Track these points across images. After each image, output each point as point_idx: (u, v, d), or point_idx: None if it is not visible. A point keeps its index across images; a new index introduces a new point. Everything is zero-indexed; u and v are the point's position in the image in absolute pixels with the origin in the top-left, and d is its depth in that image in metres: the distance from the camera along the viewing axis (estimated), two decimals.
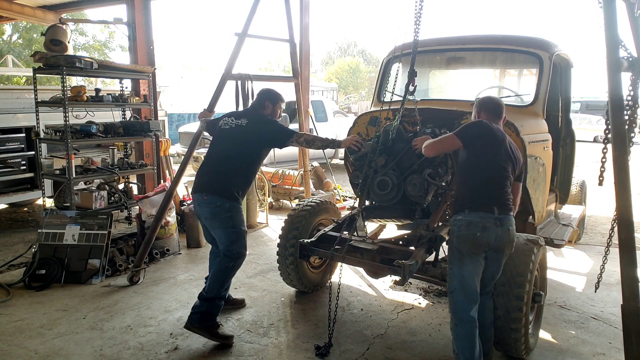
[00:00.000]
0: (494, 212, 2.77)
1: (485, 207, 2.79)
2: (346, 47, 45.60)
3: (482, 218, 2.77)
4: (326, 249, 3.60)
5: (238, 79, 5.28)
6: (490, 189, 2.85)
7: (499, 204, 2.81)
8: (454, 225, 2.85)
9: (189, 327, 3.45)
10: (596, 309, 4.14)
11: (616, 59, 2.52)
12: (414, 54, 3.35)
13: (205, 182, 3.59)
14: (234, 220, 3.51)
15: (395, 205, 3.47)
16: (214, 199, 3.50)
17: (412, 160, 3.45)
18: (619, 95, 2.52)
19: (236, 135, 3.63)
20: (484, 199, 2.82)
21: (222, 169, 3.58)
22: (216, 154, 3.70)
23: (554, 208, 4.94)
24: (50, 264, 4.57)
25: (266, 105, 3.77)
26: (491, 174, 2.88)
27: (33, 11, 8.80)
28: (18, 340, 3.49)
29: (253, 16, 5.17)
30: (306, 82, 7.05)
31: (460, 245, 2.80)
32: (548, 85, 4.07)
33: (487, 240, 2.76)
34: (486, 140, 2.92)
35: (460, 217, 2.83)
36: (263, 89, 3.89)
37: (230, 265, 3.52)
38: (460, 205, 2.88)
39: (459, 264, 2.82)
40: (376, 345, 3.50)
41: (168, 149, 7.13)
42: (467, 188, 2.93)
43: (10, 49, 20.95)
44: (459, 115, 3.88)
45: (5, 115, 6.42)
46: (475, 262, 2.82)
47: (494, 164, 2.89)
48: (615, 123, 2.49)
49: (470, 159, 2.96)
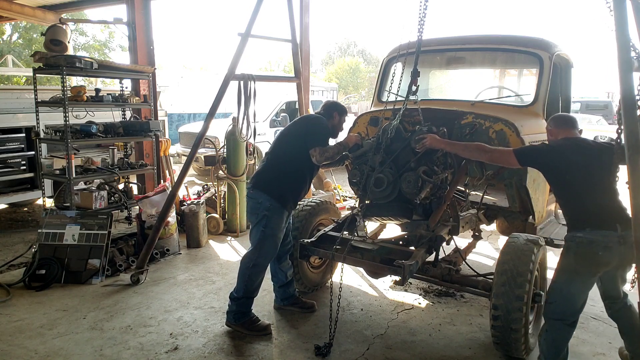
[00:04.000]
0: (616, 229, 2.65)
1: (608, 225, 2.67)
2: (346, 47, 45.58)
3: (605, 237, 2.64)
4: (326, 249, 3.60)
5: (241, 79, 5.28)
6: (608, 204, 2.75)
7: (620, 219, 2.68)
8: (572, 242, 2.74)
9: (227, 325, 3.67)
10: (596, 309, 4.14)
11: (628, 59, 2.54)
12: (417, 54, 3.35)
13: (253, 177, 3.68)
14: (268, 220, 3.51)
15: (392, 203, 3.48)
16: (257, 195, 3.55)
17: (408, 158, 3.46)
18: (631, 94, 2.52)
19: (283, 132, 3.74)
20: (605, 215, 2.71)
21: (266, 166, 3.65)
22: (268, 151, 3.77)
23: (554, 208, 4.94)
24: (50, 264, 4.57)
25: (334, 115, 3.81)
26: (595, 187, 2.78)
27: (33, 11, 8.79)
28: (18, 340, 3.49)
29: (256, 16, 5.17)
30: (306, 82, 7.04)
31: (580, 265, 2.71)
32: (548, 85, 4.07)
33: (609, 260, 2.67)
34: (569, 158, 2.83)
35: (580, 234, 2.71)
36: (330, 101, 4.05)
37: (251, 265, 3.54)
38: (580, 222, 2.76)
39: (568, 281, 2.74)
40: (376, 345, 3.50)
41: (168, 149, 7.13)
42: (582, 204, 2.80)
43: (10, 49, 20.94)
44: (459, 115, 3.88)
45: (5, 115, 6.41)
46: (587, 282, 2.75)
47: (593, 175, 2.79)
48: (628, 122, 2.48)
49: (568, 179, 2.84)
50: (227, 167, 6.25)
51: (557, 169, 2.86)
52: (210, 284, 4.60)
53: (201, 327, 3.72)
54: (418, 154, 3.39)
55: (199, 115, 17.01)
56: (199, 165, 10.84)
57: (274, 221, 3.52)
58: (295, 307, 4.00)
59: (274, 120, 11.60)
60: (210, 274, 4.87)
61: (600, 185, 2.79)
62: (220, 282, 4.64)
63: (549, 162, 2.90)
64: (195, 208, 5.75)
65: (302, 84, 6.76)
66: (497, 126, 3.68)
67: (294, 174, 3.61)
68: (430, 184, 3.33)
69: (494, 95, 5.34)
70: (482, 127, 3.74)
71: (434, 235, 3.61)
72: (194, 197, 6.81)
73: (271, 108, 11.78)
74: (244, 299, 3.58)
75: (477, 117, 3.79)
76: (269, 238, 3.53)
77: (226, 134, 6.24)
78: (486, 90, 4.79)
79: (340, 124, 3.86)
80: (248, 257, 3.57)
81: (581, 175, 2.79)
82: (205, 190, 7.11)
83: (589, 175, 2.79)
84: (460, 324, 3.86)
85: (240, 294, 3.56)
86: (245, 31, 5.15)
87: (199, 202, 5.96)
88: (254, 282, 3.58)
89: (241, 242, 5.99)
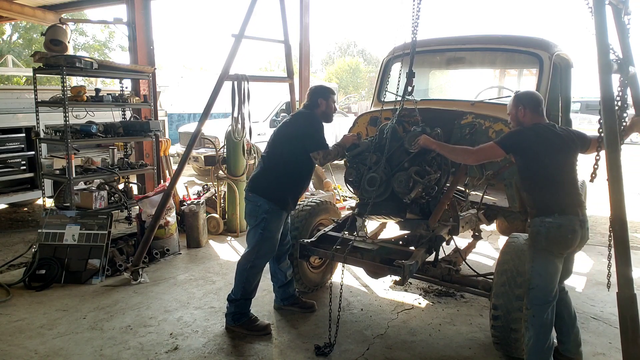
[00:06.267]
0: (578, 214, 2.86)
1: (572, 210, 2.86)
2: (346, 47, 45.54)
3: (571, 221, 2.83)
4: (326, 249, 3.60)
5: (235, 80, 5.33)
6: (573, 192, 2.91)
7: (580, 204, 2.90)
8: (542, 227, 2.85)
9: (227, 329, 3.65)
10: (596, 309, 4.14)
11: (607, 62, 2.64)
12: (412, 55, 3.35)
13: (250, 181, 3.66)
14: (267, 223, 3.50)
15: (385, 202, 3.50)
16: (255, 198, 3.54)
17: (402, 158, 3.47)
18: (610, 96, 2.64)
19: (277, 134, 3.67)
20: (569, 202, 2.88)
21: (263, 169, 3.62)
22: (264, 154, 3.72)
23: None
24: (50, 264, 4.57)
25: (319, 102, 3.67)
26: (563, 174, 2.92)
27: (33, 11, 8.79)
28: (18, 340, 3.49)
29: (249, 18, 5.22)
30: (306, 82, 7.06)
31: (551, 247, 2.85)
32: (548, 85, 4.07)
33: (575, 242, 2.86)
34: (540, 146, 2.92)
35: (549, 219, 2.84)
36: (311, 87, 3.81)
37: (248, 267, 3.54)
38: (550, 208, 2.88)
39: (545, 263, 2.86)
40: (376, 345, 3.50)
41: (168, 149, 7.14)
42: (553, 190, 2.92)
43: (10, 49, 20.96)
44: (459, 115, 3.88)
45: (5, 115, 6.42)
46: (559, 263, 2.89)
47: (560, 162, 2.92)
48: (608, 122, 2.61)
49: (535, 165, 2.95)
50: (227, 167, 6.25)
51: (536, 152, 2.92)
52: (210, 284, 4.60)
53: (201, 327, 3.72)
54: (411, 154, 3.40)
55: (199, 115, 16.92)
56: (199, 165, 10.87)
57: (273, 224, 3.52)
58: (295, 307, 4.00)
59: (274, 120, 11.61)
60: (210, 274, 4.87)
61: (568, 173, 2.94)
62: (220, 282, 4.64)
63: (531, 145, 2.94)
64: (195, 208, 5.75)
65: (302, 83, 6.78)
66: (497, 126, 3.68)
67: (292, 177, 3.60)
68: (421, 184, 3.35)
69: (493, 95, 5.34)
70: (482, 127, 3.74)
71: (434, 235, 3.62)
72: (194, 197, 6.81)
73: (271, 108, 11.79)
74: (242, 301, 3.59)
75: (477, 117, 3.79)
76: (268, 240, 3.53)
77: (226, 134, 6.25)
78: (486, 90, 4.79)
79: (329, 108, 3.70)
80: (245, 258, 3.57)
81: (554, 161, 2.91)
82: (205, 190, 7.11)
83: (560, 162, 2.92)
84: (460, 324, 3.86)
85: (238, 296, 3.57)
86: (239, 32, 5.19)
87: (199, 202, 5.97)
88: (251, 284, 3.59)
89: (241, 242, 5.99)
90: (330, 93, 3.71)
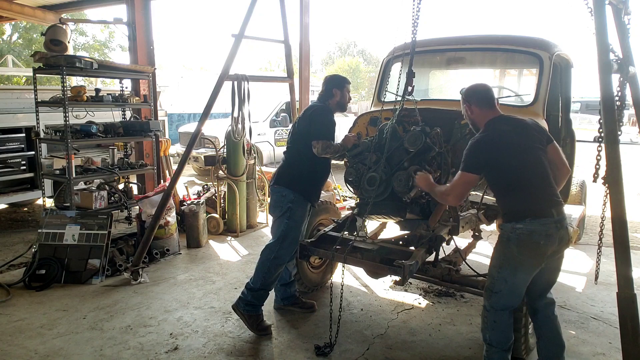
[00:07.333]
0: (553, 215, 2.65)
1: (545, 212, 2.66)
2: (346, 47, 45.55)
3: (544, 225, 2.63)
4: (326, 249, 3.60)
5: (235, 80, 5.34)
6: (545, 191, 2.71)
7: (555, 204, 2.69)
8: (512, 234, 2.68)
9: (234, 308, 3.65)
10: (596, 309, 4.14)
11: (607, 62, 2.65)
12: (412, 55, 3.35)
13: (275, 174, 3.75)
14: (292, 212, 3.56)
15: (385, 201, 3.50)
16: (280, 189, 3.61)
17: (401, 157, 3.48)
18: (610, 95, 2.66)
19: (293, 130, 3.76)
20: (542, 203, 2.68)
21: (286, 164, 3.72)
22: (285, 149, 3.81)
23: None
24: (50, 264, 4.57)
25: (334, 92, 3.72)
26: (532, 174, 2.73)
27: (33, 11, 8.79)
28: (18, 340, 3.49)
29: (249, 18, 5.23)
30: (306, 82, 7.06)
31: (522, 256, 2.67)
32: (548, 85, 4.07)
33: (550, 247, 2.66)
34: (501, 151, 2.75)
35: (520, 225, 2.66)
36: (326, 77, 3.86)
37: (272, 257, 3.56)
38: (520, 213, 2.70)
39: (513, 271, 2.71)
40: (376, 345, 3.50)
41: (168, 149, 7.14)
42: (521, 194, 2.74)
43: (10, 49, 20.95)
44: (459, 116, 3.87)
45: (5, 115, 6.42)
46: (531, 272, 2.72)
47: (528, 162, 2.74)
48: (607, 122, 2.62)
49: (501, 172, 2.78)
50: (227, 167, 6.25)
51: (500, 161, 2.75)
52: (210, 284, 4.61)
53: (201, 327, 3.72)
54: (411, 153, 3.40)
55: (199, 115, 16.91)
56: (199, 165, 10.87)
57: (299, 213, 3.59)
58: (295, 307, 4.00)
59: (274, 120, 11.61)
60: (210, 274, 4.88)
61: (538, 172, 2.74)
62: (220, 282, 4.65)
63: (493, 156, 2.76)
64: (195, 208, 5.75)
65: (302, 83, 6.78)
66: None
67: (312, 172, 3.67)
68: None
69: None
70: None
71: (434, 235, 3.61)
72: (194, 197, 6.81)
73: (271, 108, 11.79)
74: (261, 291, 3.60)
75: None
76: (293, 230, 3.58)
77: (226, 134, 6.25)
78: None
79: (343, 98, 3.75)
80: (270, 248, 3.59)
81: (521, 162, 2.73)
82: (205, 190, 7.11)
83: (528, 162, 2.74)
84: (460, 324, 3.86)
85: (257, 285, 3.57)
86: (239, 32, 5.20)
87: (199, 202, 5.97)
88: (272, 275, 3.60)
89: (241, 242, 5.99)
90: (345, 82, 3.77)
